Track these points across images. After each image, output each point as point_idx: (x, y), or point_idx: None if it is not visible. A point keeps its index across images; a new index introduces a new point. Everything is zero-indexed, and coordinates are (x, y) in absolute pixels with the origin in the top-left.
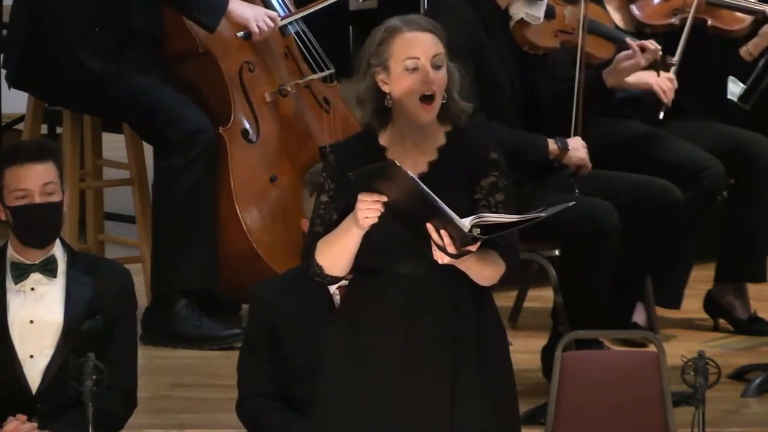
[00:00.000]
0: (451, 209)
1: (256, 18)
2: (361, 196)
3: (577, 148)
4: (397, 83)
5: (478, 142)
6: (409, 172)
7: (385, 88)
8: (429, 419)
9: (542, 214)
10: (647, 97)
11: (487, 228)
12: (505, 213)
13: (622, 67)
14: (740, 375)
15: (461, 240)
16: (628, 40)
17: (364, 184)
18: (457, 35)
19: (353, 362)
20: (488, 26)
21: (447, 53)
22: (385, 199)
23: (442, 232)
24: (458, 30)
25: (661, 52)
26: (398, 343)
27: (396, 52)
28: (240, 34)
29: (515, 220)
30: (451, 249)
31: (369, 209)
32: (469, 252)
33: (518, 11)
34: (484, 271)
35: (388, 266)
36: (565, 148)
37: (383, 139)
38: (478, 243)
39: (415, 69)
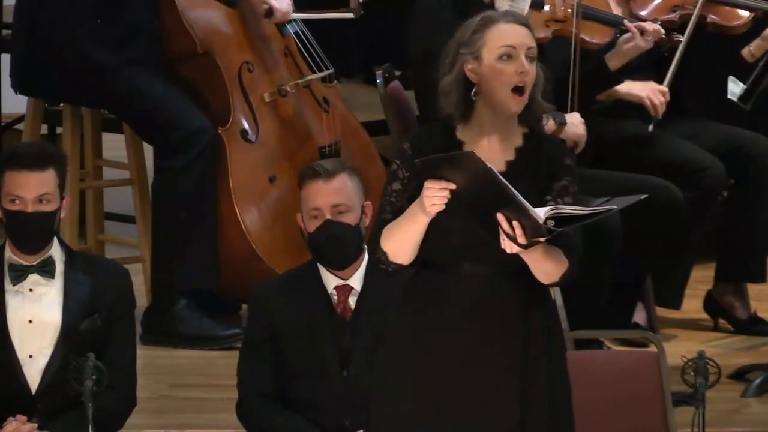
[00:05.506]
0: None
1: None
2: (427, 183)
3: (576, 123)
4: (490, 72)
5: (554, 147)
6: (486, 163)
7: (473, 78)
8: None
9: (614, 207)
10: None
11: (560, 220)
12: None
13: (624, 49)
14: (740, 375)
15: (534, 230)
16: (626, 22)
17: (431, 171)
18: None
19: (415, 358)
20: None
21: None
22: (452, 186)
23: (514, 222)
24: (438, 33)
25: (663, 31)
26: (463, 345)
27: (490, 41)
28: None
29: (589, 212)
30: (521, 239)
31: (436, 196)
32: (539, 243)
33: (502, 4)
34: (548, 266)
35: (452, 263)
36: (562, 123)
37: (461, 134)
38: (549, 235)
39: (510, 57)
